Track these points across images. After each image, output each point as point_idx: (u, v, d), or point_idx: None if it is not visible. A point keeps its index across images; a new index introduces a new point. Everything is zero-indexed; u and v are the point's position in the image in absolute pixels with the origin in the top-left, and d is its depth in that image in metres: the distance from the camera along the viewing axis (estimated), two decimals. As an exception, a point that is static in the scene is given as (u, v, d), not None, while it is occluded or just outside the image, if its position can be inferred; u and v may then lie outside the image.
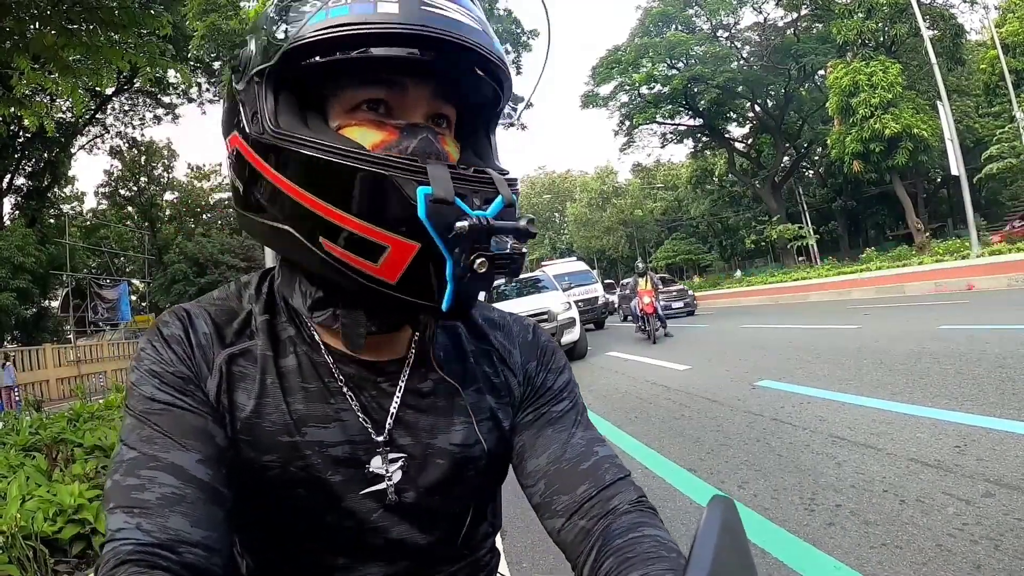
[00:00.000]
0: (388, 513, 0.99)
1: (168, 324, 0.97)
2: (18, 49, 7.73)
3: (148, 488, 0.82)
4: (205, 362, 0.95)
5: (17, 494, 4.60)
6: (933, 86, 29.37)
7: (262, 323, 1.01)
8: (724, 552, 0.60)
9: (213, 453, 0.89)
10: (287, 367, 0.99)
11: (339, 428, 0.97)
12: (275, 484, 0.94)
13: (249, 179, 0.92)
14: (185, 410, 0.90)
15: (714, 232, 64.85)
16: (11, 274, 27.27)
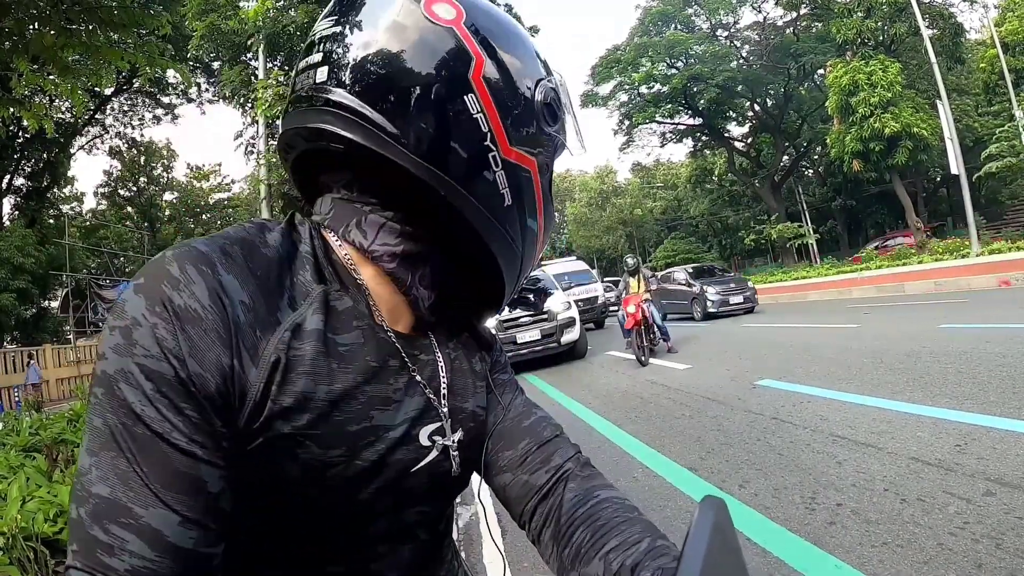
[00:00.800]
0: (437, 482, 0.96)
1: (181, 287, 0.72)
2: (17, 50, 7.73)
3: (116, 554, 0.67)
4: (247, 348, 0.76)
5: (17, 495, 4.59)
6: (933, 85, 29.38)
7: (319, 294, 0.86)
8: (715, 553, 0.60)
9: (200, 510, 0.71)
10: (352, 344, 0.87)
11: (401, 406, 0.91)
12: (333, 482, 0.83)
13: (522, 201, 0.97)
14: (175, 447, 0.70)
15: (714, 231, 64.84)
16: (11, 275, 27.27)
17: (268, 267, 0.82)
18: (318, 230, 0.94)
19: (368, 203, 0.93)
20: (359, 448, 0.84)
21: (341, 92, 0.85)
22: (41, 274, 29.40)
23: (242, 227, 0.87)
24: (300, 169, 1.00)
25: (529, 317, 15.21)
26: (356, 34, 0.87)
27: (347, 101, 0.84)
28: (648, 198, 74.05)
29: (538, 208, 0.98)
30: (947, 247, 26.22)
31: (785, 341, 13.23)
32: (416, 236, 0.93)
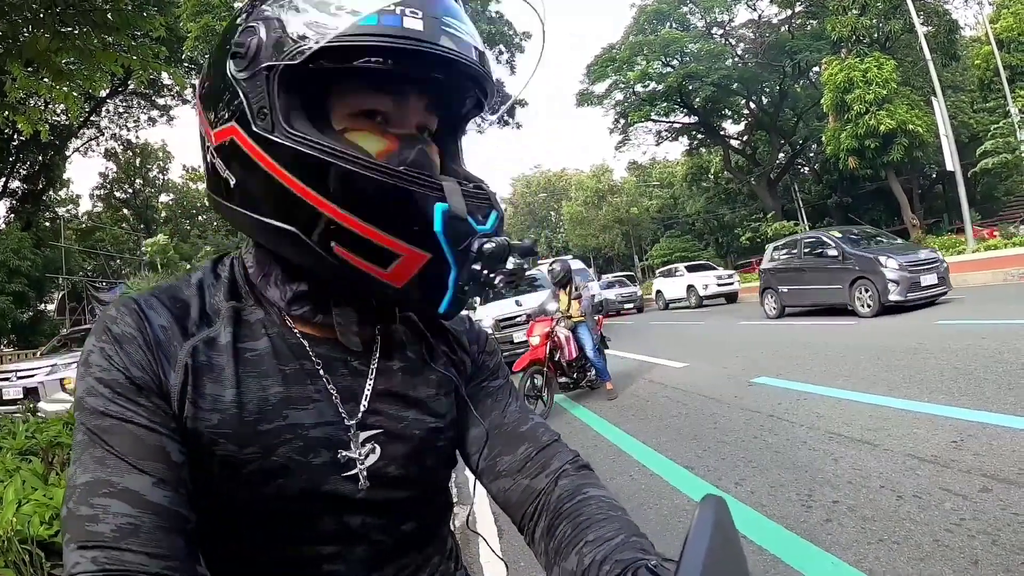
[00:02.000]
0: (370, 492, 0.99)
1: (117, 320, 0.90)
2: (11, 54, 7.71)
3: (102, 519, 0.78)
4: (166, 357, 0.90)
5: (13, 498, 4.58)
6: (928, 82, 29.41)
7: (228, 309, 0.98)
8: (716, 551, 0.60)
9: (170, 473, 0.84)
10: (261, 350, 0.96)
11: (316, 410, 0.97)
12: (254, 478, 0.91)
13: (245, 174, 0.91)
14: (139, 425, 0.84)
15: (710, 229, 64.78)
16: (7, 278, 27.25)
17: (183, 299, 0.97)
18: (240, 256, 1.06)
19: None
20: (273, 446, 0.91)
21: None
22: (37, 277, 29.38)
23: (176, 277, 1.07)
24: None
25: (525, 317, 15.22)
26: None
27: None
28: (644, 196, 74.01)
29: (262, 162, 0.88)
30: (942, 243, 26.23)
31: (781, 338, 13.25)
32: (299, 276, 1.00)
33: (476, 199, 0.91)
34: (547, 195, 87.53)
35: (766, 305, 19.20)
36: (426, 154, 0.95)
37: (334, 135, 0.91)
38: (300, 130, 0.87)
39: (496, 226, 0.93)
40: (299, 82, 0.89)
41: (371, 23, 0.84)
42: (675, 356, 13.04)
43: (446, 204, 0.85)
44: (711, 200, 62.81)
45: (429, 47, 0.86)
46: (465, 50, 0.89)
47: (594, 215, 71.47)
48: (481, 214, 0.91)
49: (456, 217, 0.86)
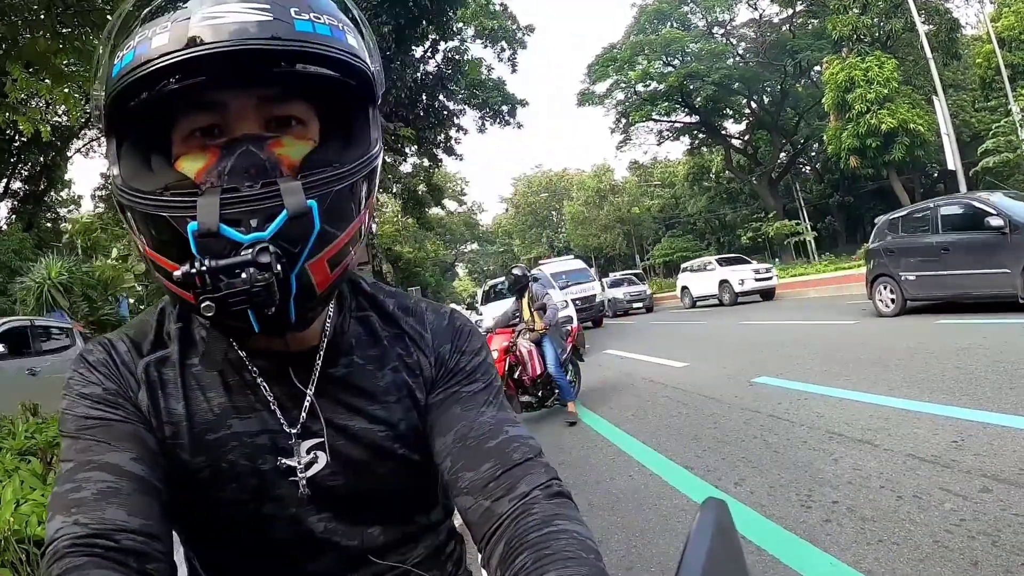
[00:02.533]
0: (318, 501, 1.02)
1: (91, 352, 1.03)
2: (11, 56, 7.72)
3: (84, 487, 0.85)
4: (132, 375, 1.01)
5: (12, 498, 4.59)
6: (929, 81, 29.41)
7: (175, 330, 1.05)
8: (716, 555, 0.59)
9: (146, 454, 0.93)
10: (203, 366, 1.03)
11: (258, 419, 1.01)
12: (207, 486, 0.98)
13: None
14: (117, 421, 0.95)
15: (711, 229, 64.86)
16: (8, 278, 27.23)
17: (143, 327, 1.08)
18: None
19: None
20: (221, 454, 0.98)
21: None
22: (38, 278, 29.42)
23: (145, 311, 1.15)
24: None
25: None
26: None
27: None
28: (645, 196, 74.06)
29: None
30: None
31: (782, 338, 13.23)
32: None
33: (255, 201, 0.83)
34: (548, 195, 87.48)
35: (878, 299, 14.21)
36: (251, 154, 0.87)
37: (166, 169, 0.91)
38: (126, 177, 0.89)
39: (284, 226, 0.82)
40: (133, 129, 0.91)
41: (129, 60, 0.83)
42: (675, 356, 13.03)
43: (195, 223, 0.80)
44: (712, 200, 62.86)
45: (172, 58, 0.81)
46: (226, 34, 0.81)
47: (595, 215, 71.51)
48: (261, 217, 0.82)
49: (206, 233, 0.80)
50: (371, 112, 0.99)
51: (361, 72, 0.93)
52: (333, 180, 0.88)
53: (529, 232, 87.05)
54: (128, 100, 0.85)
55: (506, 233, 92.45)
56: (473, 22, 31.50)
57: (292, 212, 0.82)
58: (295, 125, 0.95)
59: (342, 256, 0.93)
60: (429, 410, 1.11)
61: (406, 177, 35.02)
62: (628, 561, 4.12)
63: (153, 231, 0.86)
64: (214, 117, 0.90)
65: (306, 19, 0.86)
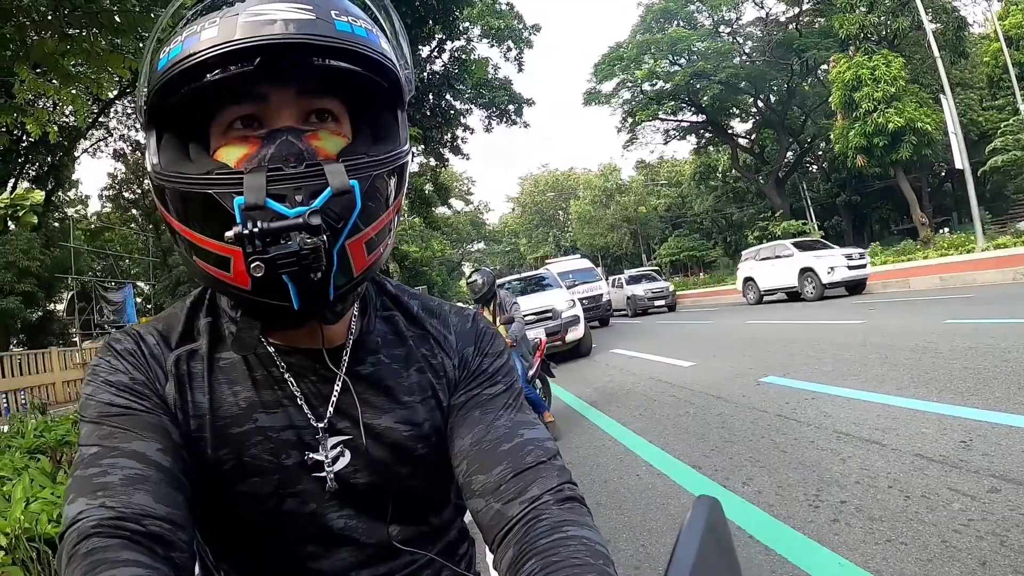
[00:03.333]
0: (341, 497, 1.04)
1: (120, 340, 1.04)
2: (19, 57, 7.74)
3: (110, 472, 0.85)
4: (160, 368, 1.02)
5: (21, 496, 4.61)
6: (936, 79, 29.28)
7: (205, 324, 1.07)
8: (707, 552, 0.60)
9: (171, 446, 0.94)
10: (232, 360, 1.05)
11: (285, 414, 1.03)
12: (230, 479, 0.99)
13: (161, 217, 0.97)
14: (142, 411, 0.95)
15: (718, 228, 64.71)
16: (16, 278, 27.28)
17: (172, 320, 1.09)
18: None
19: None
20: (246, 447, 1.00)
21: None
22: (46, 277, 29.42)
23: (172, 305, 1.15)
24: None
25: (534, 316, 15.25)
26: None
27: None
28: (652, 195, 73.97)
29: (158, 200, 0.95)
30: (952, 242, 26.15)
31: (789, 337, 13.21)
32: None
33: (299, 179, 0.86)
34: (555, 194, 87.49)
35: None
36: (291, 143, 0.90)
37: (206, 159, 0.94)
38: (165, 165, 0.93)
39: (328, 202, 0.86)
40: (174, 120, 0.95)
41: (176, 52, 0.88)
42: (683, 355, 13.02)
43: (242, 197, 0.84)
44: (719, 199, 62.73)
45: (223, 47, 0.85)
46: (272, 29, 0.86)
47: (602, 214, 71.54)
48: (305, 193, 0.86)
49: (253, 207, 0.83)
50: (400, 115, 1.04)
51: (392, 74, 0.97)
52: (372, 165, 0.93)
53: (535, 231, 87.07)
54: (173, 92, 0.90)
55: (512, 232, 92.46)
56: (479, 21, 31.50)
57: (336, 189, 0.86)
58: (330, 120, 0.99)
59: (377, 242, 0.97)
60: (450, 411, 1.13)
61: (413, 176, 34.98)
62: (636, 560, 4.12)
63: (197, 210, 0.89)
64: (255, 108, 0.94)
65: (345, 21, 0.91)
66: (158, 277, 38.06)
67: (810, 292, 23.02)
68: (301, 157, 0.89)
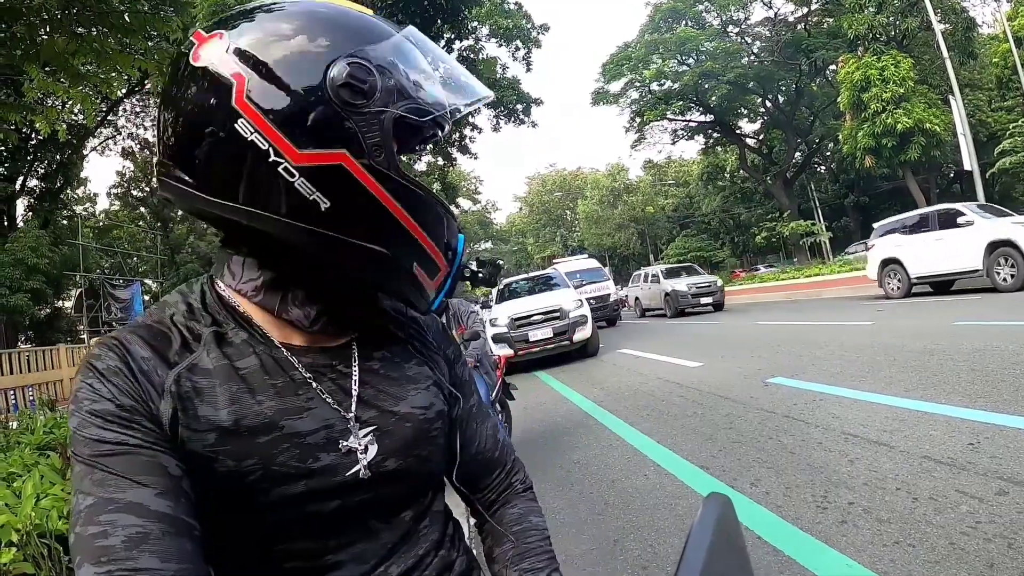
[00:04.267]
0: (370, 486, 1.04)
1: (101, 357, 0.94)
2: (29, 56, 7.76)
3: (111, 533, 0.81)
4: (153, 386, 0.94)
5: (32, 492, 4.62)
6: (945, 80, 29.21)
7: (210, 335, 1.02)
8: (718, 550, 0.60)
9: (170, 485, 0.88)
10: (250, 368, 1.01)
11: (311, 417, 1.02)
12: (257, 488, 0.96)
13: (347, 200, 0.95)
14: (134, 446, 0.89)
15: (726, 228, 64.70)
16: (25, 275, 27.31)
17: (161, 330, 1.01)
18: (211, 281, 1.10)
19: (231, 246, 1.07)
20: (274, 456, 0.96)
21: (165, 162, 0.98)
22: (55, 274, 29.46)
23: (147, 311, 1.10)
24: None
25: (541, 315, 15.26)
26: (164, 103, 0.99)
27: (169, 169, 0.98)
28: (660, 195, 73.99)
29: (376, 193, 0.95)
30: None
31: (797, 338, 13.18)
32: (272, 264, 1.05)
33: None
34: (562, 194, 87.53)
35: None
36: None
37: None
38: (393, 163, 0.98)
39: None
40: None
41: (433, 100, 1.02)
42: (690, 355, 13.00)
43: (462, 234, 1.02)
44: (727, 199, 62.71)
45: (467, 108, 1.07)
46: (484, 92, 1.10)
47: (609, 214, 71.54)
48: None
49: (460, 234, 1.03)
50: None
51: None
52: None
53: (543, 231, 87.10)
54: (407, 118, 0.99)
55: (520, 232, 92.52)
56: (488, 21, 31.46)
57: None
58: None
59: None
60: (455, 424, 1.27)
61: (420, 175, 35.03)
62: (643, 560, 4.13)
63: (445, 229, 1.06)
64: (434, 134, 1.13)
65: None
66: (166, 275, 38.14)
67: (1007, 279, 14.96)
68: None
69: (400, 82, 0.97)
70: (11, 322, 28.92)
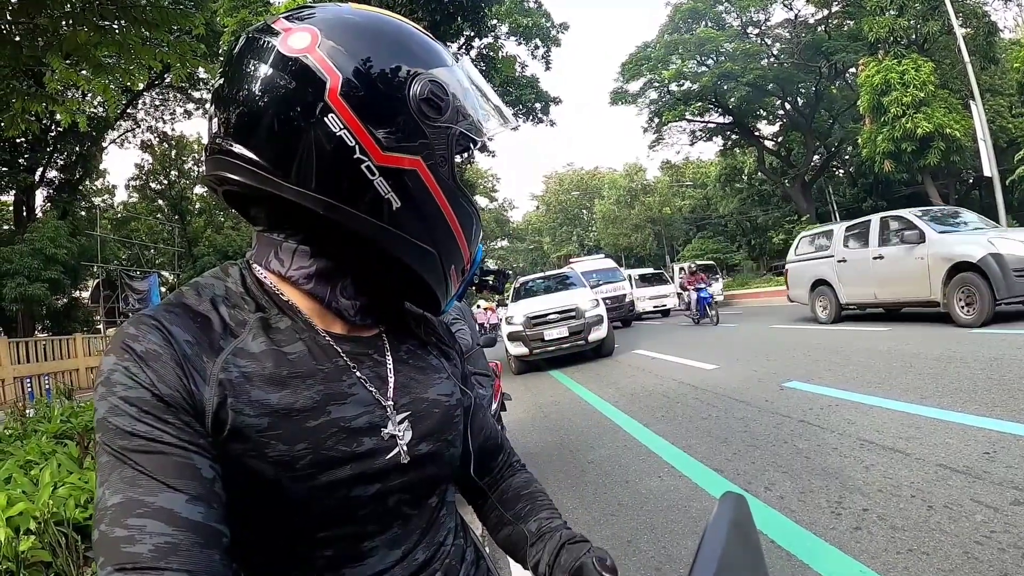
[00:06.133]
0: (407, 470, 1.07)
1: (139, 338, 0.90)
2: (51, 47, 7.81)
3: (139, 540, 0.79)
4: (197, 372, 0.91)
5: (49, 481, 4.67)
6: (966, 85, 28.96)
7: (256, 320, 1.02)
8: (733, 548, 0.61)
9: (203, 490, 0.85)
10: (299, 354, 1.02)
11: (353, 402, 1.03)
12: (306, 471, 0.95)
13: (415, 203, 1.03)
14: (168, 444, 0.85)
15: (743, 231, 64.37)
16: (43, 265, 27.50)
17: (202, 313, 0.99)
18: (248, 266, 1.10)
19: (282, 232, 1.08)
20: (323, 440, 0.97)
21: (229, 139, 0.98)
22: (73, 265, 29.64)
23: (180, 291, 1.03)
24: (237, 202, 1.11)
25: (557, 314, 15.26)
26: (236, 82, 0.99)
27: (232, 147, 0.98)
28: (677, 196, 73.75)
29: (439, 200, 1.05)
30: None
31: (813, 343, 13.14)
32: (327, 254, 1.07)
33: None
34: (580, 193, 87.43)
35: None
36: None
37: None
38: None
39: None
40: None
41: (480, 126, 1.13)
42: (706, 357, 12.99)
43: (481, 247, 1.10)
44: (744, 201, 62.39)
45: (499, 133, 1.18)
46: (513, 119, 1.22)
47: (626, 214, 71.36)
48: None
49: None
50: None
51: None
52: None
53: (560, 230, 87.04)
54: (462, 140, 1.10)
55: (536, 231, 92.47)
56: (507, 19, 31.47)
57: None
58: None
59: None
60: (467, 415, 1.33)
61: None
62: (656, 562, 4.14)
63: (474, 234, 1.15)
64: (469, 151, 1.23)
65: None
66: (183, 267, 38.33)
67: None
68: None
69: (462, 103, 1.08)
70: (29, 311, 29.11)
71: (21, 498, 4.24)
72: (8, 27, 8.01)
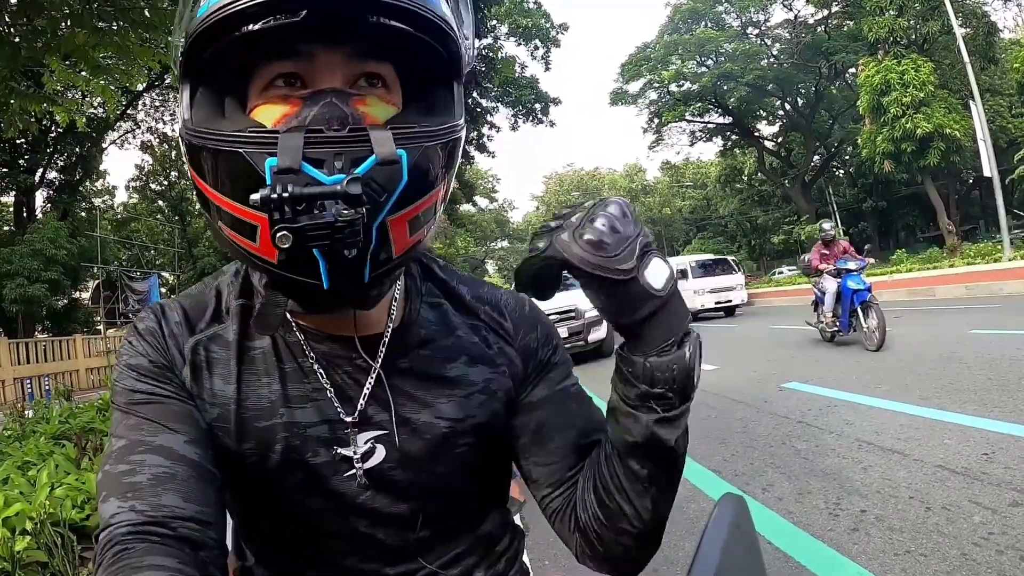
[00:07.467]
0: (374, 493, 0.99)
1: (143, 319, 1.01)
2: (50, 48, 7.82)
3: (138, 471, 0.84)
4: (178, 350, 0.98)
5: (47, 481, 4.68)
6: (966, 85, 29.01)
7: (236, 307, 1.02)
8: (732, 550, 0.60)
9: (199, 435, 0.91)
10: (261, 348, 1.00)
11: (315, 408, 0.97)
12: (255, 473, 0.96)
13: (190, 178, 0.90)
14: (167, 397, 0.93)
15: (743, 231, 64.41)
16: (43, 266, 27.43)
17: (201, 299, 1.04)
18: None
19: None
20: (271, 443, 0.95)
21: None
22: (73, 266, 29.59)
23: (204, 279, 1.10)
24: None
25: (556, 315, 15.20)
26: None
27: None
28: (677, 197, 73.90)
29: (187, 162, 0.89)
30: (979, 251, 25.90)
31: (811, 343, 13.13)
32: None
33: (341, 143, 0.79)
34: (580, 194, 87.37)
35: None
36: (335, 106, 0.82)
37: (241, 117, 0.89)
38: (198, 123, 0.85)
39: (370, 171, 0.79)
40: (211, 76, 0.89)
41: (214, 2, 0.80)
42: (705, 358, 12.81)
43: (275, 158, 0.76)
44: (744, 202, 62.50)
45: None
46: None
47: (626, 215, 71.52)
48: (346, 159, 0.78)
49: (287, 170, 0.76)
50: (456, 88, 0.97)
51: (452, 41, 0.91)
52: (422, 136, 0.86)
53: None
54: (211, 42, 0.82)
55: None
56: (507, 20, 31.51)
57: (382, 158, 0.79)
58: (380, 86, 0.92)
59: (421, 222, 0.90)
60: (531, 408, 1.11)
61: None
62: (654, 564, 4.10)
63: (226, 171, 0.82)
64: (298, 67, 0.87)
65: None
66: (183, 268, 38.35)
67: None
68: (345, 121, 0.81)
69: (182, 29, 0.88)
70: (29, 312, 29.08)
71: (18, 498, 4.24)
72: (7, 28, 8.01)
